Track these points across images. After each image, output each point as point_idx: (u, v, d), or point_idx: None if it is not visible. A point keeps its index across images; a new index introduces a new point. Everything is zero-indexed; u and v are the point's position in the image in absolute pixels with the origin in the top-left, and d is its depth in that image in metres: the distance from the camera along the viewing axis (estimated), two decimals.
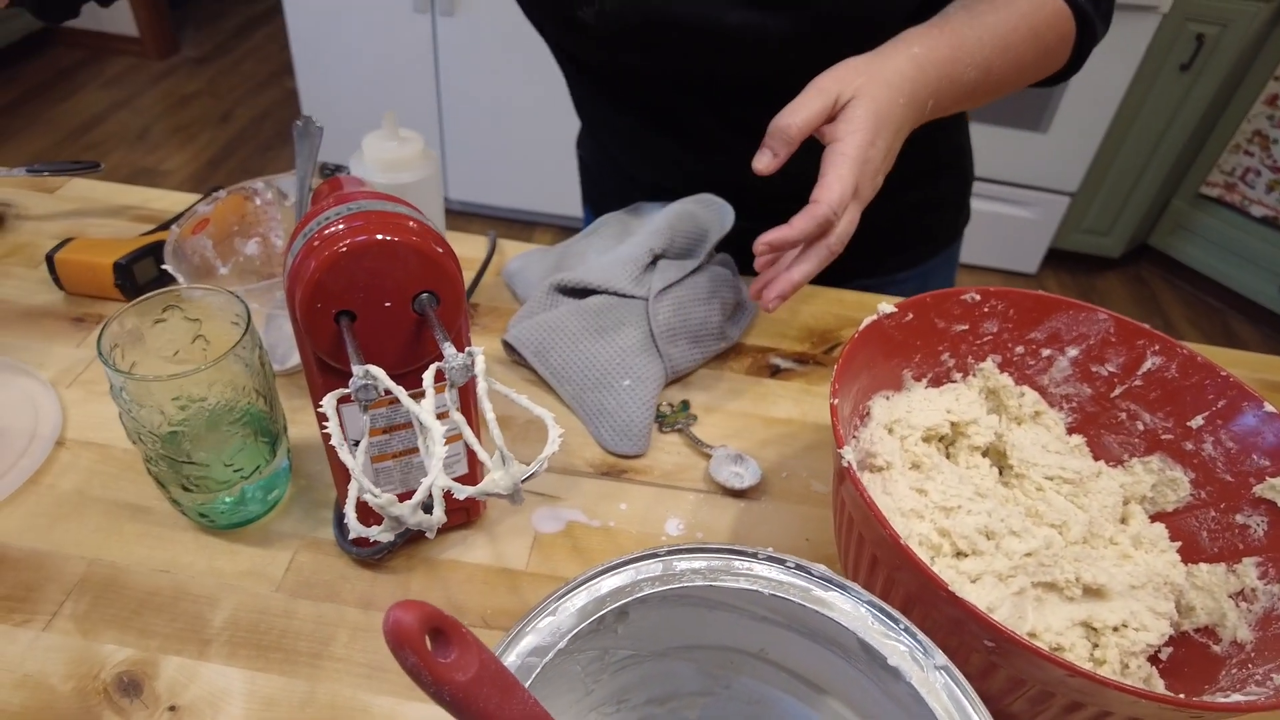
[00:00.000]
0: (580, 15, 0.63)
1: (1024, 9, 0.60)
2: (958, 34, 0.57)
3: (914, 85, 0.54)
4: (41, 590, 0.49)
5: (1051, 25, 0.61)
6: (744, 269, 0.73)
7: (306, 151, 0.63)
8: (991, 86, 0.60)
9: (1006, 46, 0.58)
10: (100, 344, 0.44)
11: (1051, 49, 0.62)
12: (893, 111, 0.53)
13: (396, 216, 0.43)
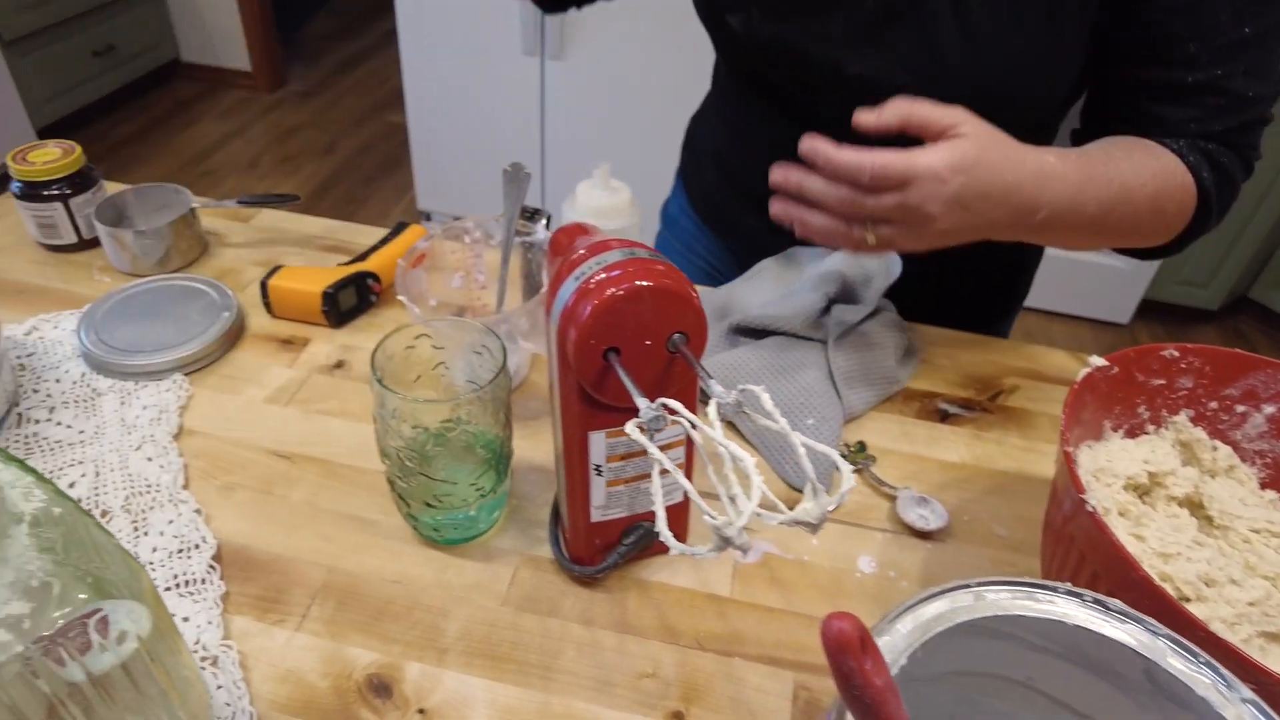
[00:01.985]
0: (730, 21, 0.68)
1: (1155, 169, 0.60)
2: (1090, 167, 0.58)
3: (1030, 181, 0.55)
4: (290, 593, 0.53)
5: (1174, 196, 0.61)
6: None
7: (514, 195, 0.67)
8: (1103, 230, 0.60)
9: (1129, 199, 0.59)
10: (374, 366, 0.49)
11: (1168, 218, 0.63)
12: (991, 173, 0.53)
13: (654, 263, 0.46)
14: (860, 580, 0.57)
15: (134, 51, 2.99)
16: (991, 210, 0.55)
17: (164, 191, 0.83)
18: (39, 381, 0.66)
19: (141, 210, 0.82)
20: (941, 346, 0.78)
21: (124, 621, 0.35)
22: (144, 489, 0.58)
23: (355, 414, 0.65)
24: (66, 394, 0.65)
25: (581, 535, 0.53)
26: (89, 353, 0.67)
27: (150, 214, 0.82)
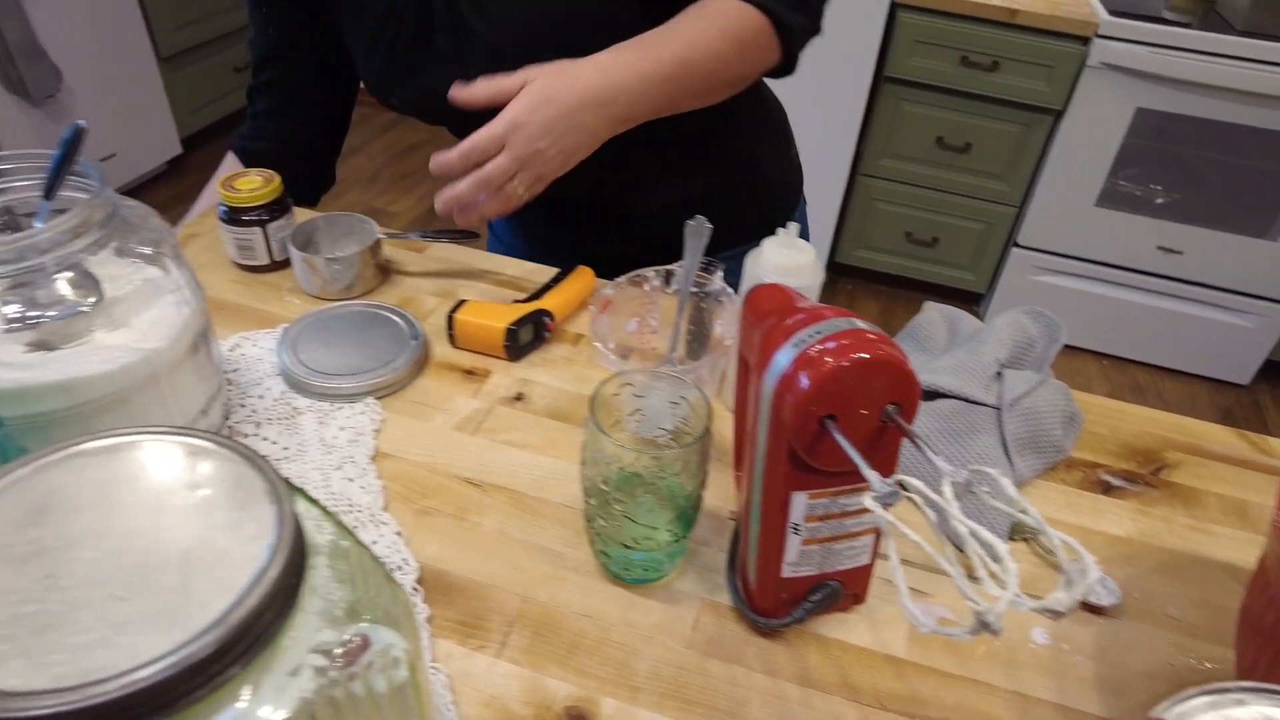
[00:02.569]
0: (391, 103, 0.87)
1: (710, 10, 0.71)
2: (645, 41, 0.70)
3: (595, 86, 0.68)
4: (488, 619, 0.56)
5: (738, 20, 0.71)
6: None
7: (695, 248, 0.70)
8: (698, 77, 0.71)
9: (696, 42, 0.70)
10: (592, 409, 0.52)
11: (748, 42, 0.73)
12: (559, 95, 0.66)
13: (870, 334, 0.48)
14: (1035, 652, 0.57)
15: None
16: (585, 116, 0.68)
17: (349, 220, 0.88)
18: (244, 397, 0.72)
19: (328, 236, 0.88)
20: (1100, 414, 0.77)
21: (397, 649, 0.38)
22: (347, 508, 0.62)
23: (537, 447, 0.69)
24: (269, 410, 0.71)
25: (769, 589, 0.55)
26: (288, 372, 0.73)
27: (334, 240, 0.88)
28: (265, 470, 0.36)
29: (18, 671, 0.28)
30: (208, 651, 0.29)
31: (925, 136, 2.28)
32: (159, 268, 0.60)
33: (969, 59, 2.12)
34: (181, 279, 0.61)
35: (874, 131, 2.30)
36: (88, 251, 0.55)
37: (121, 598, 0.31)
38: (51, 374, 0.54)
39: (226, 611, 0.30)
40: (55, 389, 0.54)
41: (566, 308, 0.82)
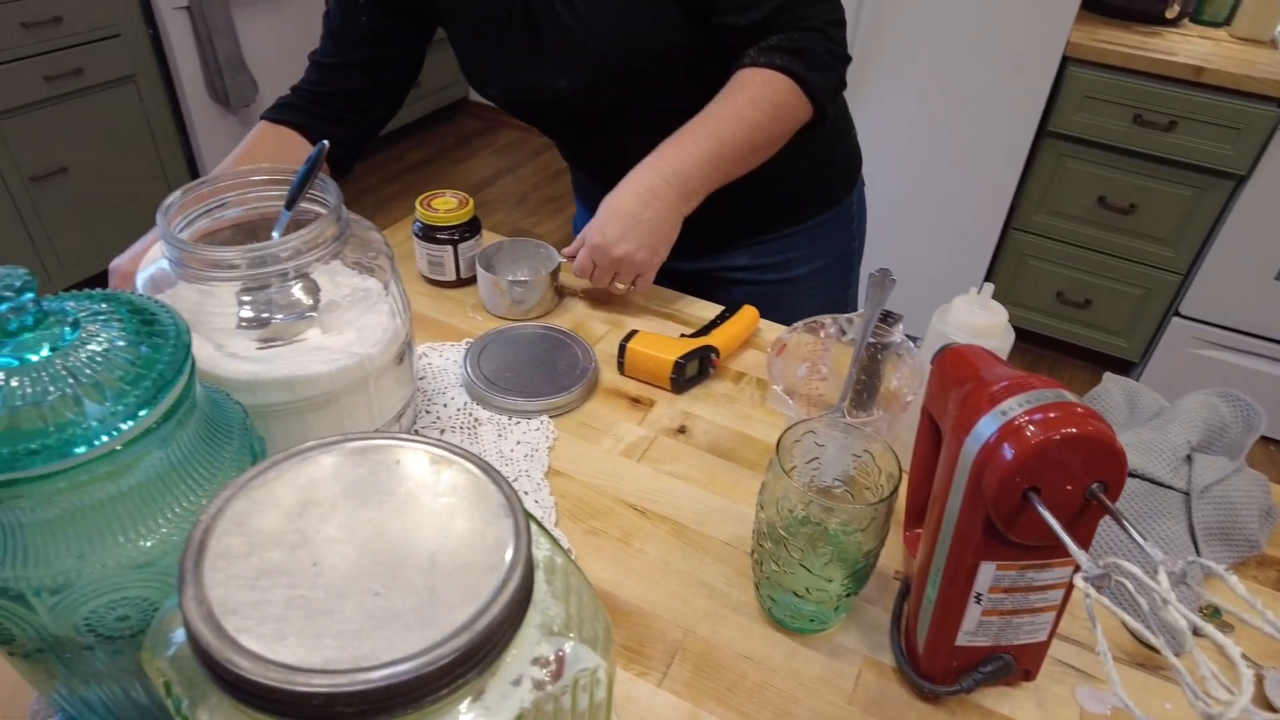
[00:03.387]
0: (489, 93, 0.93)
1: (736, 87, 0.80)
2: (683, 132, 0.80)
3: (638, 185, 0.79)
4: (651, 646, 0.57)
5: (765, 89, 0.79)
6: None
7: (876, 299, 0.70)
8: (741, 145, 0.80)
9: (730, 117, 0.79)
10: (779, 454, 0.52)
11: (779, 105, 0.80)
12: (616, 211, 0.79)
13: (1078, 407, 0.47)
14: None
15: (432, 89, 3.36)
16: (649, 213, 0.79)
17: (528, 245, 0.93)
18: (430, 404, 0.76)
19: (509, 258, 0.92)
20: None
21: (600, 669, 0.40)
22: None
23: (698, 480, 0.70)
24: (453, 419, 0.75)
25: (940, 655, 0.54)
26: (472, 385, 0.77)
27: (514, 263, 0.92)
28: (501, 484, 0.38)
29: (295, 650, 0.31)
30: (456, 655, 0.32)
31: (1086, 194, 2.18)
32: (376, 279, 0.65)
33: (1143, 117, 2.02)
34: (395, 292, 0.65)
35: (1031, 186, 2.22)
36: (318, 261, 0.61)
37: (377, 594, 0.33)
38: (277, 370, 0.60)
39: (473, 618, 0.32)
40: (280, 384, 0.60)
41: (731, 345, 0.83)
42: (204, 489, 0.44)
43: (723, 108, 0.80)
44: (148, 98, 2.42)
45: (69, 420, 0.38)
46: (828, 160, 1.02)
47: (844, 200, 1.06)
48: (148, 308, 0.44)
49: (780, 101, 0.80)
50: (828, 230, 1.04)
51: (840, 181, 1.05)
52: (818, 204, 1.00)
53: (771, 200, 0.98)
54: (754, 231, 1.01)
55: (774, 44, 0.80)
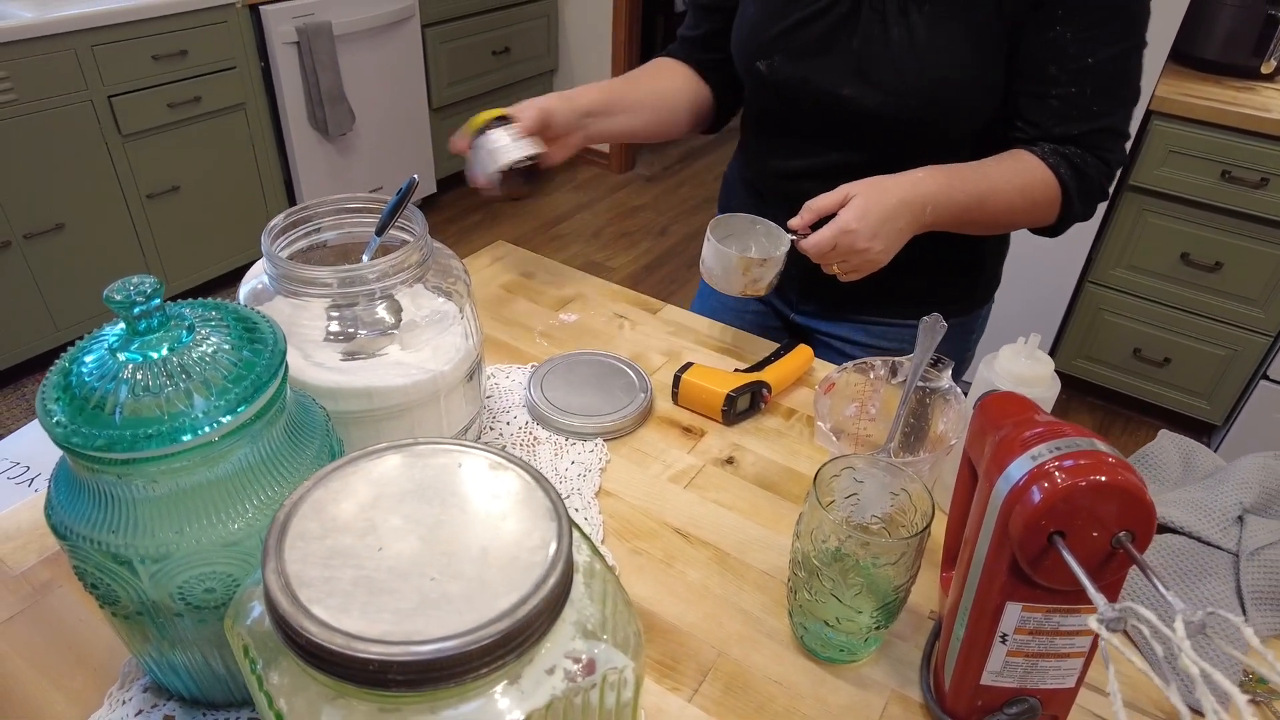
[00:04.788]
0: (759, 65, 0.92)
1: (1020, 167, 0.84)
2: (956, 171, 0.83)
3: (908, 195, 0.80)
4: (684, 664, 0.60)
5: (1038, 186, 0.84)
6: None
7: (926, 344, 0.72)
8: (988, 214, 0.85)
9: (997, 189, 0.84)
10: (815, 486, 0.55)
11: (1038, 203, 0.85)
12: (882, 206, 0.78)
13: (1109, 456, 0.48)
14: None
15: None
16: (900, 222, 0.80)
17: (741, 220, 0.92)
18: (494, 421, 0.81)
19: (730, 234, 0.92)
20: None
21: (628, 670, 0.43)
22: None
23: (743, 510, 0.73)
24: (514, 437, 0.79)
25: (965, 692, 0.55)
26: (534, 406, 0.81)
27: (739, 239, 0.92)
28: (549, 491, 0.42)
29: (356, 620, 0.35)
30: (496, 637, 0.35)
31: (1169, 250, 2.13)
32: (453, 303, 0.70)
33: (1231, 173, 1.97)
34: (470, 316, 0.71)
35: (1110, 239, 2.18)
36: (402, 284, 0.66)
37: (433, 578, 0.37)
38: (358, 380, 0.65)
39: (514, 606, 0.36)
40: (360, 393, 0.65)
41: (783, 382, 0.86)
42: (287, 481, 0.49)
43: (998, 175, 0.84)
44: (254, 124, 2.60)
45: (180, 411, 0.44)
46: (978, 266, 1.04)
47: (973, 313, 1.08)
48: (251, 318, 0.50)
49: (1041, 200, 0.85)
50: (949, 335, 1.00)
51: (979, 292, 1.07)
52: (951, 306, 0.94)
53: (915, 284, 0.97)
54: (878, 306, 1.02)
55: (1068, 154, 0.84)
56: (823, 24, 0.86)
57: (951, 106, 0.85)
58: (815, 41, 0.87)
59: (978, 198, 0.83)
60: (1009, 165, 0.84)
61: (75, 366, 0.46)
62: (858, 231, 0.78)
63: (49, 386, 0.45)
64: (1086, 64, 0.81)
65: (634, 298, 1.03)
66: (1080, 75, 0.81)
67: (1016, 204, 0.84)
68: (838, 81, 0.87)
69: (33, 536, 0.67)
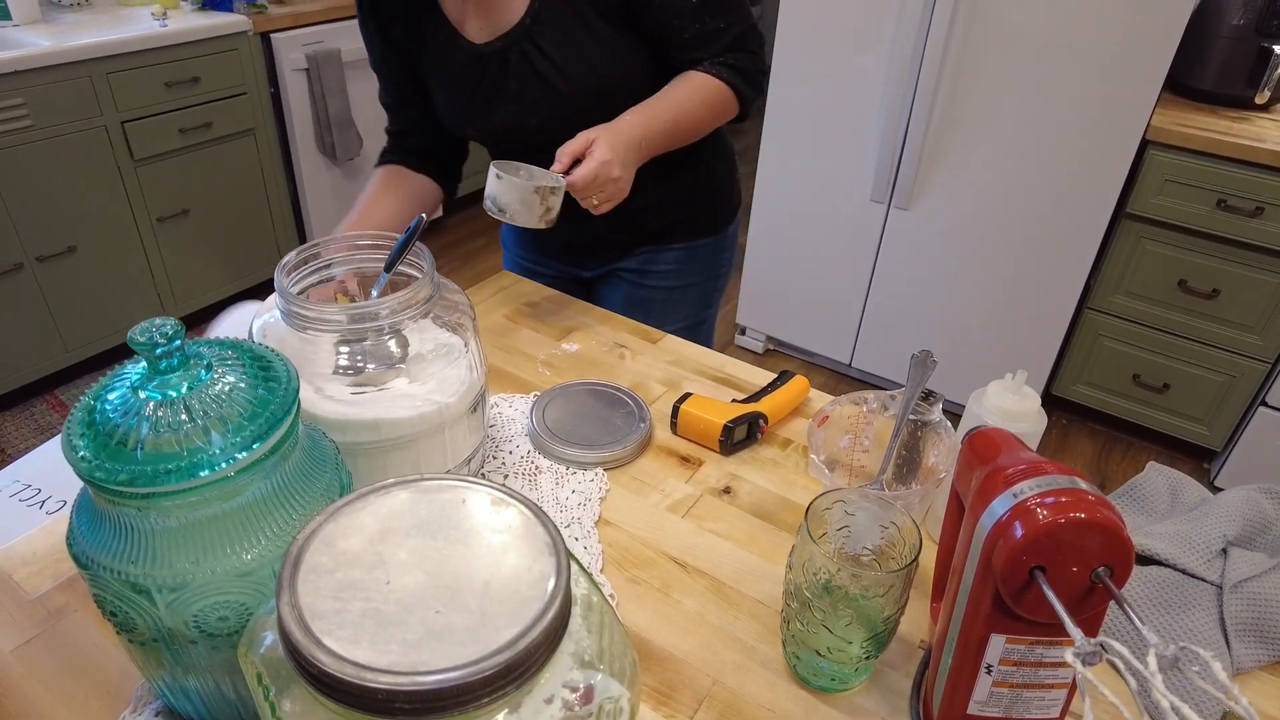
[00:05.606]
0: (466, 132, 1.12)
1: (694, 85, 1.02)
2: (650, 107, 1.00)
3: (632, 133, 0.96)
4: (680, 691, 0.61)
5: (713, 94, 1.03)
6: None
7: (917, 379, 0.74)
8: (685, 128, 1.04)
9: (684, 108, 1.02)
10: (807, 520, 0.57)
11: (718, 106, 1.04)
12: (624, 141, 0.95)
13: (1089, 494, 0.50)
14: None
15: None
16: (632, 156, 0.97)
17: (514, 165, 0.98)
18: (497, 450, 0.83)
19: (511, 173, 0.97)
20: None
21: (623, 700, 0.45)
22: None
23: (738, 540, 0.74)
24: (516, 466, 0.81)
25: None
26: (535, 434, 0.83)
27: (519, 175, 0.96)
28: (549, 526, 0.44)
29: (365, 651, 0.37)
30: (498, 668, 0.37)
31: (1166, 277, 2.15)
32: (458, 336, 0.72)
33: (1227, 202, 2.00)
34: (474, 348, 0.73)
35: (1108, 266, 2.20)
36: (410, 320, 0.69)
37: (438, 611, 0.39)
38: (366, 413, 0.67)
39: (515, 639, 0.38)
40: (368, 425, 0.67)
41: (780, 412, 0.88)
42: (299, 513, 0.51)
43: (680, 97, 1.02)
44: (264, 149, 2.64)
45: (198, 447, 0.46)
46: (714, 192, 1.23)
47: (722, 230, 1.25)
48: (265, 356, 0.52)
49: (720, 102, 1.04)
50: (704, 253, 1.24)
51: (722, 213, 1.25)
52: (701, 229, 1.22)
53: (667, 217, 1.19)
54: (648, 241, 1.21)
55: (721, 61, 1.03)
56: (486, 86, 1.04)
57: (607, 94, 1.01)
58: (487, 101, 1.05)
59: (673, 120, 1.01)
60: (686, 86, 1.02)
61: (99, 403, 0.48)
62: (611, 161, 0.93)
63: (74, 422, 0.47)
64: (694, 3, 0.99)
65: (634, 327, 1.05)
66: (695, 11, 1.00)
67: (703, 113, 1.03)
68: (523, 117, 1.05)
69: (48, 562, 0.69)
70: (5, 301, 2.16)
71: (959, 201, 2.18)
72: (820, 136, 2.29)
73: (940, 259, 2.26)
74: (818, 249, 2.43)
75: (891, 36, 2.07)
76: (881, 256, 2.34)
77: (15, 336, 2.21)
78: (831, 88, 2.22)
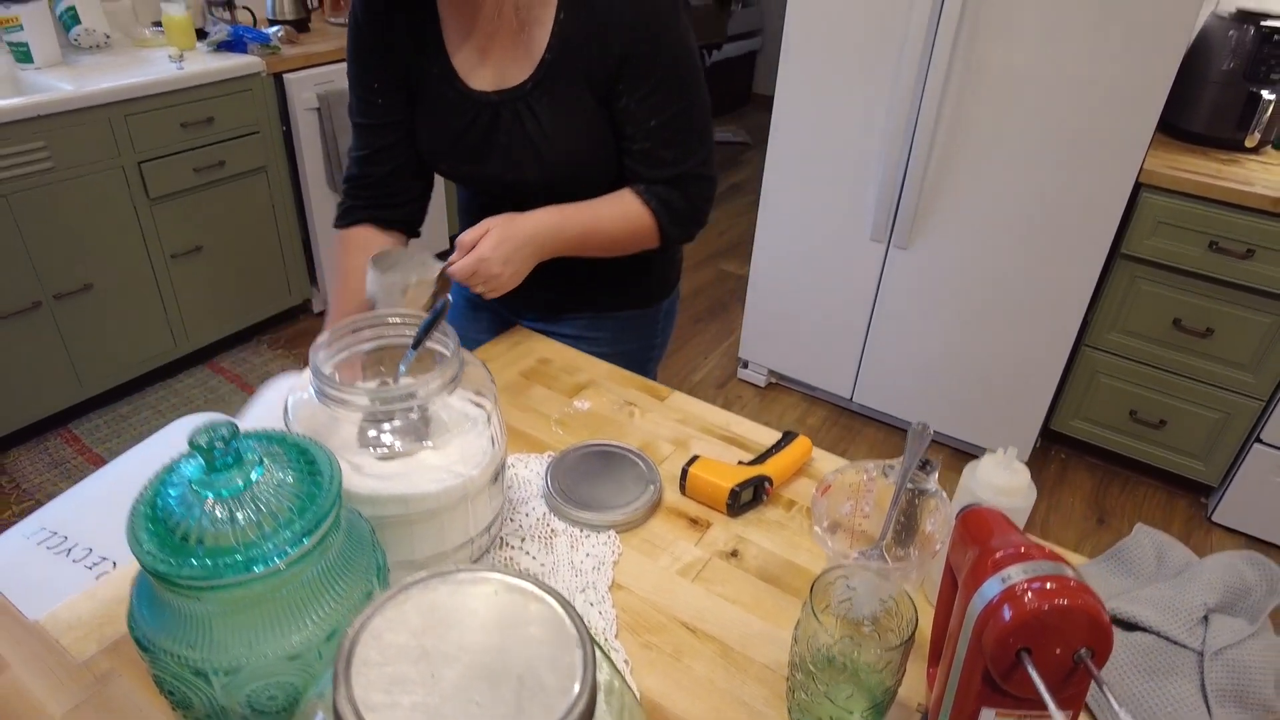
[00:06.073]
0: (441, 167, 1.15)
1: (619, 203, 1.06)
2: (569, 209, 1.05)
3: (532, 230, 1.01)
4: None
5: (635, 218, 1.07)
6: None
7: (914, 449, 0.78)
8: (597, 241, 1.07)
9: (601, 222, 1.06)
10: (811, 596, 0.61)
11: (637, 231, 1.07)
12: (512, 240, 0.99)
13: (1071, 580, 0.54)
14: None
15: None
16: (525, 252, 1.00)
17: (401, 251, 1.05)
18: (514, 512, 0.87)
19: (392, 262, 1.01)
20: None
21: None
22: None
23: (746, 604, 0.78)
24: (533, 529, 0.85)
25: None
26: (550, 498, 0.87)
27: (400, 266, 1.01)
28: (575, 620, 0.48)
29: None
30: None
31: (1161, 316, 2.20)
32: (480, 409, 0.77)
33: (1219, 244, 2.05)
34: (496, 420, 0.77)
35: (1104, 305, 2.25)
36: (437, 397, 0.73)
37: (479, 704, 0.43)
38: (395, 488, 0.71)
39: None
40: (396, 500, 0.71)
41: (784, 474, 0.92)
42: (343, 596, 0.55)
43: (603, 212, 1.06)
44: (275, 186, 2.69)
45: (253, 541, 0.50)
46: (646, 271, 1.26)
47: (654, 305, 1.30)
48: (309, 450, 0.57)
49: (640, 234, 1.08)
50: (638, 323, 1.29)
51: (654, 290, 1.29)
52: (632, 301, 1.27)
53: (594, 291, 1.24)
54: (584, 308, 1.26)
55: (658, 192, 1.06)
56: (475, 132, 1.07)
57: (583, 172, 1.07)
58: (473, 147, 1.09)
59: (587, 230, 1.05)
60: (613, 202, 1.06)
61: (160, 499, 0.52)
62: (491, 259, 0.97)
63: (138, 516, 0.52)
64: (651, 125, 1.02)
65: (642, 384, 1.10)
66: (649, 134, 1.03)
67: (619, 234, 1.07)
68: (498, 171, 1.09)
69: (93, 626, 0.73)
70: (23, 339, 2.20)
71: (958, 241, 2.23)
72: (820, 177, 2.34)
73: (940, 297, 2.31)
74: (819, 285, 2.48)
75: (890, 79, 2.13)
76: (881, 294, 2.38)
77: (31, 372, 2.26)
78: (831, 129, 2.28)
